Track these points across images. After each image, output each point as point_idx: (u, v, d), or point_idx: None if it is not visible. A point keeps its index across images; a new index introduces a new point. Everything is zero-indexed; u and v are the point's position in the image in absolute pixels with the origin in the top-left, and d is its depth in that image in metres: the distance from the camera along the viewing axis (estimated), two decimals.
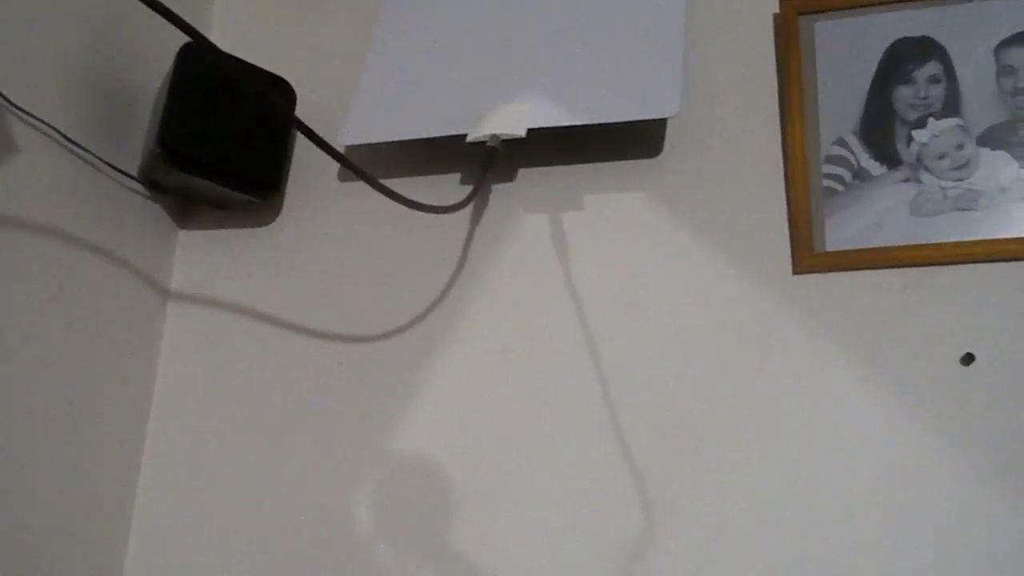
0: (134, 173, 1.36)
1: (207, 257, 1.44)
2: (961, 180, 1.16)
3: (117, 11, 1.34)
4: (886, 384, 1.13)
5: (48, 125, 1.21)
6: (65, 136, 1.24)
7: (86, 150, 1.28)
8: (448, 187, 1.36)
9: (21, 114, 1.18)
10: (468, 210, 1.32)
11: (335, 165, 1.41)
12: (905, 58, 1.23)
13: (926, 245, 1.15)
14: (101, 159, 1.31)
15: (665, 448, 1.17)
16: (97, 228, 1.30)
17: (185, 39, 1.21)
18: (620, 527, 1.16)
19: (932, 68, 1.21)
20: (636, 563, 1.14)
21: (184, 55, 1.31)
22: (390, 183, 1.16)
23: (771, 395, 1.16)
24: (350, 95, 1.39)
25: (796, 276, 1.20)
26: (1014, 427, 1.07)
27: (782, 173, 1.24)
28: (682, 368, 1.20)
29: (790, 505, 1.11)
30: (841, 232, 1.18)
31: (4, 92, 1.14)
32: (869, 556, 1.07)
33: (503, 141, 1.26)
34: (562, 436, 1.21)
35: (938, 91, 1.20)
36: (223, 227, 1.45)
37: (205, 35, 1.31)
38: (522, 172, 1.35)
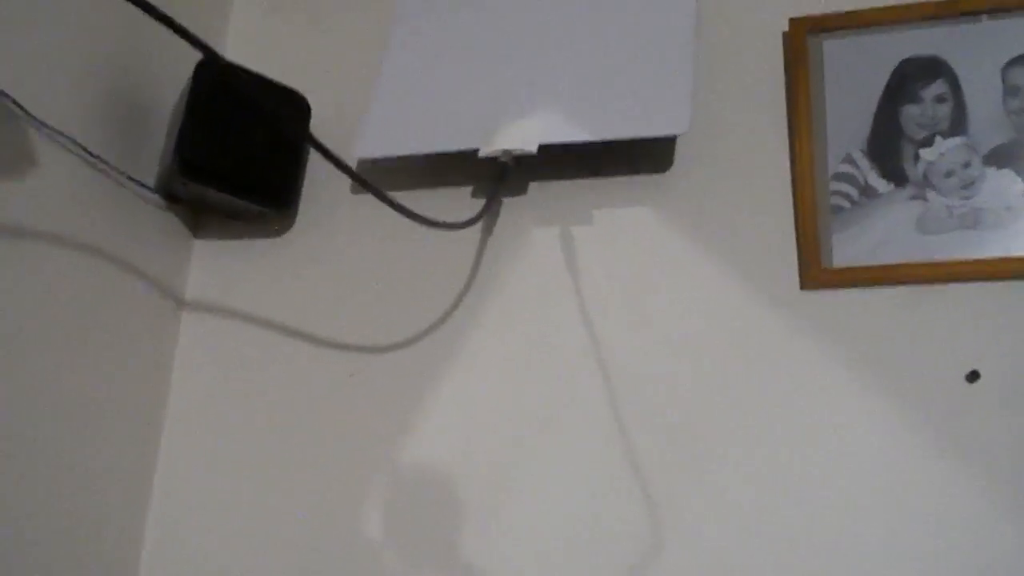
0: (151, 185, 1.38)
1: (221, 267, 1.46)
2: (967, 198, 1.17)
3: (136, 27, 1.36)
4: (891, 400, 1.13)
5: (68, 138, 1.23)
6: (84, 148, 1.26)
7: (105, 162, 1.30)
8: (460, 201, 1.38)
9: (42, 127, 1.20)
10: (479, 223, 1.33)
11: (348, 177, 1.43)
12: (912, 77, 1.23)
13: (932, 263, 1.15)
14: (119, 171, 1.32)
15: (671, 460, 1.18)
16: (114, 238, 1.32)
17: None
18: (627, 538, 1.16)
19: (939, 87, 1.22)
20: (642, 570, 1.14)
21: (201, 70, 1.33)
22: (402, 196, 1.18)
23: (777, 409, 1.16)
24: (364, 109, 1.41)
25: (803, 292, 1.20)
26: (1019, 444, 1.08)
27: (790, 190, 1.25)
28: (689, 382, 1.20)
29: (794, 517, 1.12)
30: (848, 249, 1.19)
31: (26, 106, 1.16)
32: (872, 569, 1.08)
33: (515, 156, 1.28)
34: (570, 448, 1.22)
35: (945, 110, 1.21)
36: (237, 237, 1.47)
37: (221, 49, 1.34)
38: (533, 187, 1.36)
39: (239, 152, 1.34)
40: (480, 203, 1.32)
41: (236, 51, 1.57)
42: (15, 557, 1.15)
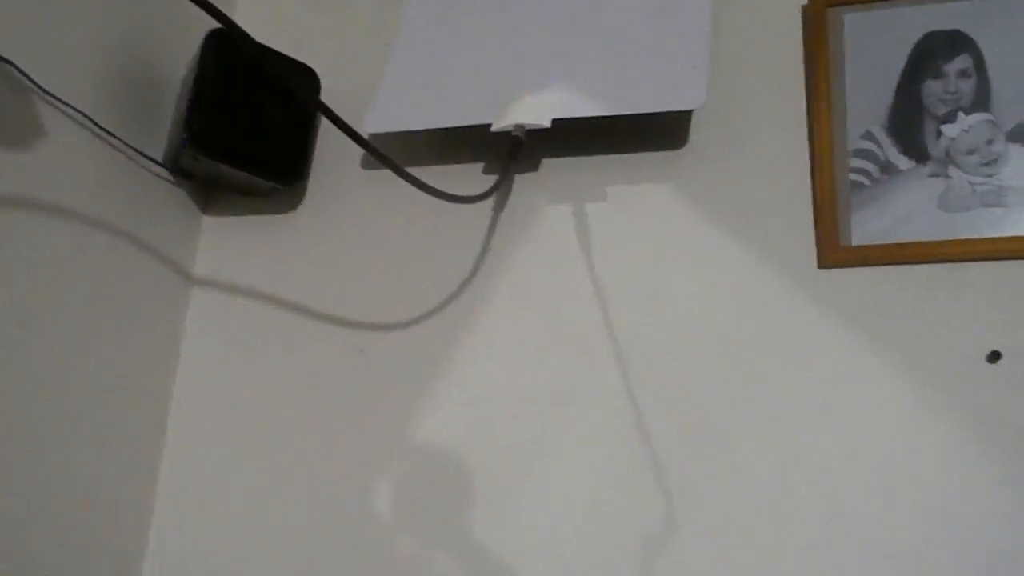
0: (160, 159, 1.37)
1: (231, 243, 1.45)
2: (990, 176, 1.15)
3: None
4: (911, 380, 1.12)
5: (76, 111, 1.22)
6: (93, 121, 1.25)
7: (113, 136, 1.29)
8: (472, 176, 1.36)
9: (50, 100, 1.18)
10: (491, 199, 1.32)
11: (358, 153, 1.42)
12: (935, 51, 1.21)
13: (953, 241, 1.14)
14: (128, 145, 1.31)
15: (686, 441, 1.17)
16: (123, 213, 1.31)
17: (211, 26, 1.22)
18: (641, 518, 1.16)
19: (962, 62, 1.20)
20: (657, 554, 1.14)
21: (210, 42, 1.31)
22: (414, 171, 1.16)
23: (794, 389, 1.15)
24: (375, 83, 1.39)
25: (821, 270, 1.19)
26: None
27: (808, 166, 1.23)
28: (704, 360, 1.19)
29: (812, 499, 1.11)
30: (867, 226, 1.17)
31: (34, 78, 1.15)
32: (891, 551, 1.07)
33: (527, 131, 1.26)
34: (583, 427, 1.21)
35: (968, 85, 1.19)
36: (247, 213, 1.46)
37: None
38: (546, 162, 1.35)
39: (249, 126, 1.33)
40: (491, 179, 1.31)
41: (245, 24, 1.53)
42: (23, 527, 1.15)
